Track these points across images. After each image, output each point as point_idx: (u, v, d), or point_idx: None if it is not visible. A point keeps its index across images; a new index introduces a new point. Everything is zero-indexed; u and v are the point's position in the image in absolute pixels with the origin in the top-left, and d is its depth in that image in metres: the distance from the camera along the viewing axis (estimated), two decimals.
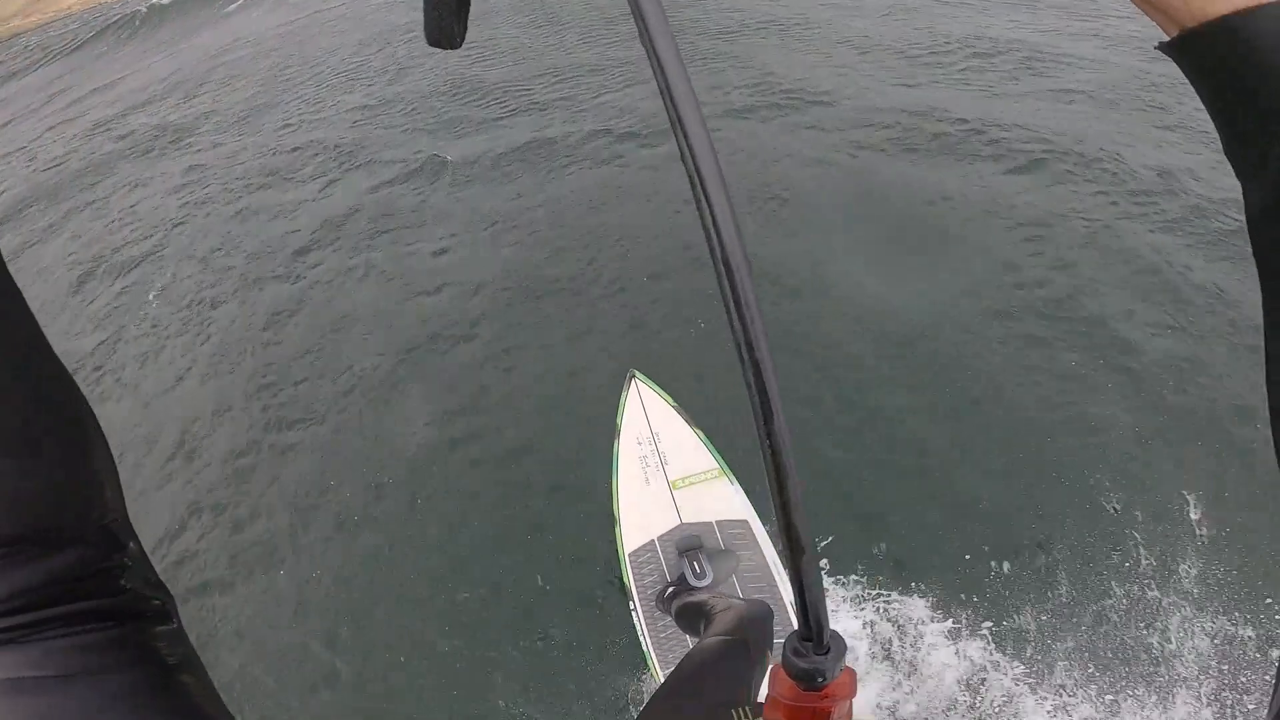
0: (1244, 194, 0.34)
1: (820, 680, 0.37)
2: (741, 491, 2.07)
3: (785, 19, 6.25)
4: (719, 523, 2.04)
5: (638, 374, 2.22)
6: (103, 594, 0.35)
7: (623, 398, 2.20)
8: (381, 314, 3.56)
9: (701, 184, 0.28)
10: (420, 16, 0.35)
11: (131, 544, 0.38)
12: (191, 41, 10.89)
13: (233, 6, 12.65)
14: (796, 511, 0.32)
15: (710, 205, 0.28)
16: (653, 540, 2.04)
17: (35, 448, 0.34)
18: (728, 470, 2.10)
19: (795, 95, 4.76)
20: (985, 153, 3.86)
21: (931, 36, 5.38)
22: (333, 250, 4.17)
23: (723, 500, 2.06)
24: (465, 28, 0.37)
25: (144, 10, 13.65)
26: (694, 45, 5.82)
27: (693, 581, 1.83)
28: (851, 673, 0.40)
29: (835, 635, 0.37)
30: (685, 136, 0.27)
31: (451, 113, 5.64)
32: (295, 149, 5.69)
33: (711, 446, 2.14)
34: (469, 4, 0.36)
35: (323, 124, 6.11)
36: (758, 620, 1.28)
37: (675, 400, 2.19)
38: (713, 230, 0.28)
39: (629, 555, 2.03)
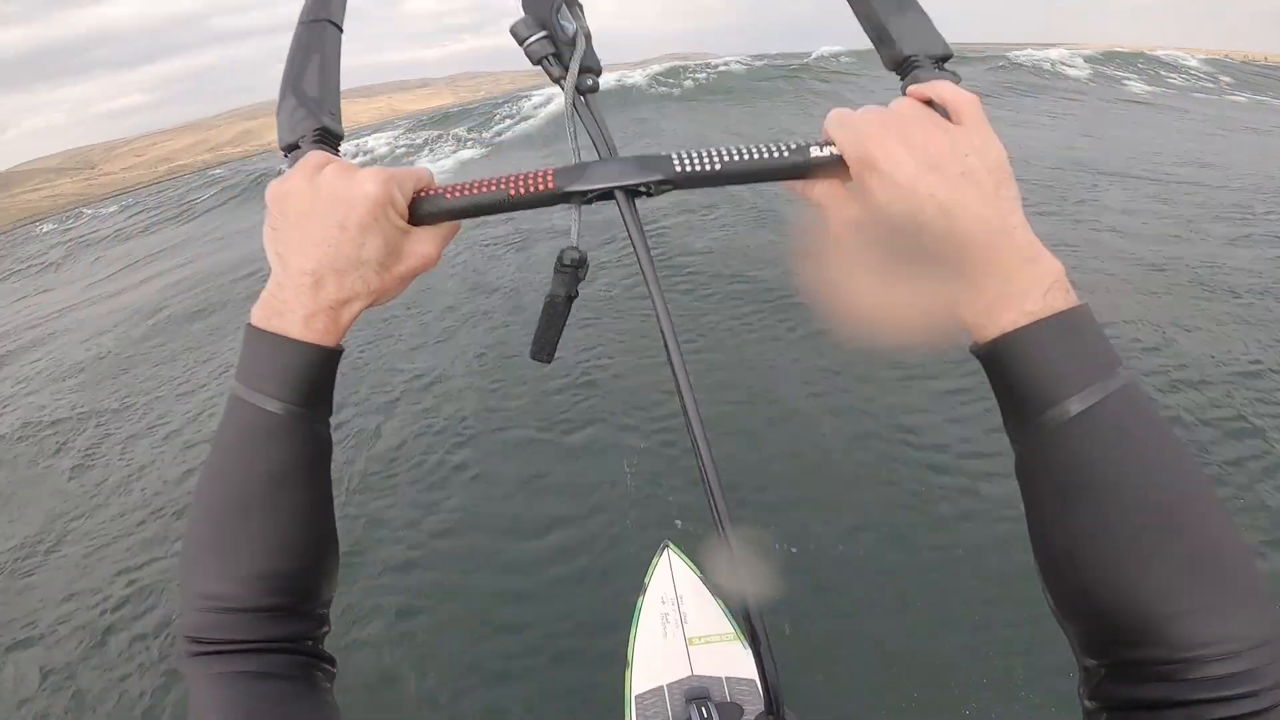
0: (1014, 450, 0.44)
1: None
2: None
3: None
4: (729, 679, 2.01)
5: (670, 544, 2.48)
6: (308, 647, 0.50)
7: (654, 562, 2.42)
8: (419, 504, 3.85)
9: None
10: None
11: (327, 626, 0.52)
12: None
13: None
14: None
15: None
16: (661, 686, 2.01)
17: (307, 557, 0.49)
18: (743, 637, 2.15)
19: None
20: None
21: None
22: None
23: (736, 660, 2.07)
24: (555, 350, 0.56)
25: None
26: None
27: None
28: None
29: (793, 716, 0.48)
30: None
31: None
32: None
33: (731, 616, 2.23)
34: (561, 333, 0.56)
35: None
36: None
37: (702, 572, 2.38)
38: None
39: (635, 698, 1.99)
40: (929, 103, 0.45)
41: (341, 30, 0.60)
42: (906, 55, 0.49)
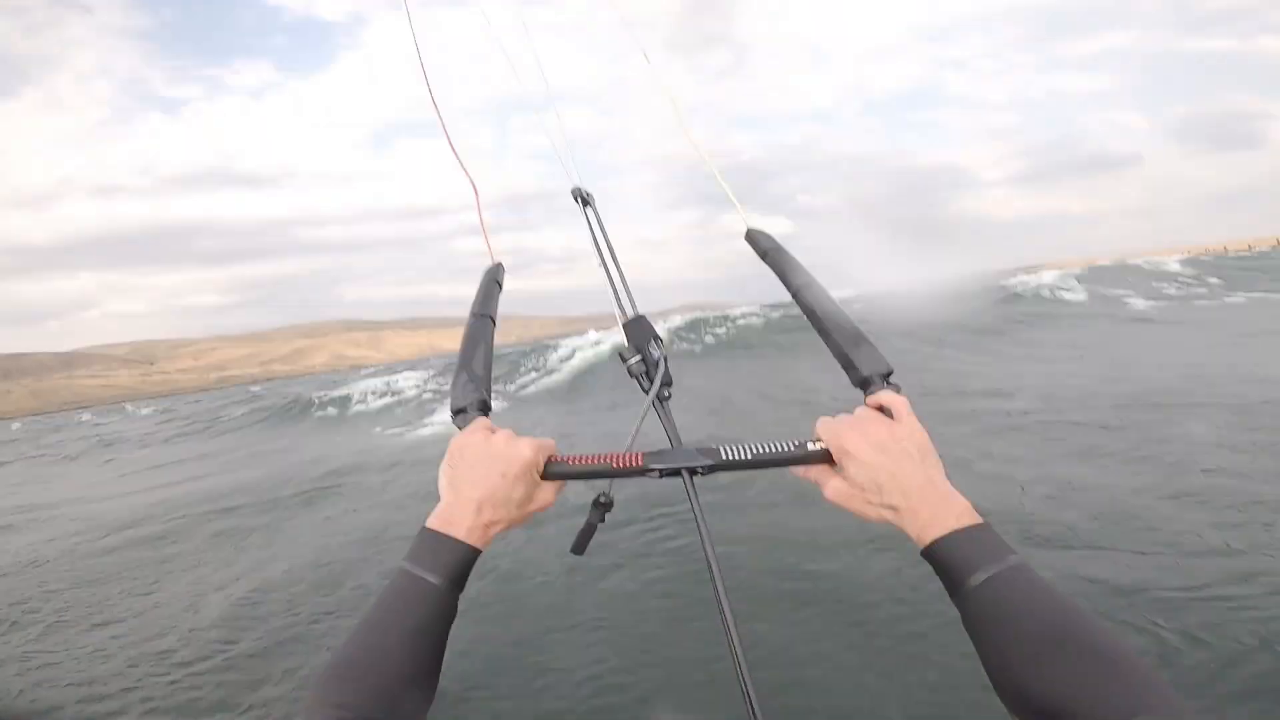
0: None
1: None
2: None
3: None
4: None
5: None
6: None
7: None
8: None
9: None
10: None
11: None
12: None
13: None
14: None
15: None
16: None
17: (421, 688, 0.64)
18: None
19: None
20: None
21: None
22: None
23: None
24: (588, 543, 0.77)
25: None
26: None
27: None
28: None
29: None
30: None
31: None
32: None
33: None
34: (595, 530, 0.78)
35: None
36: None
37: None
38: None
39: None
40: (880, 407, 0.74)
41: (496, 322, 0.94)
42: (865, 375, 0.79)
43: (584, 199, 1.08)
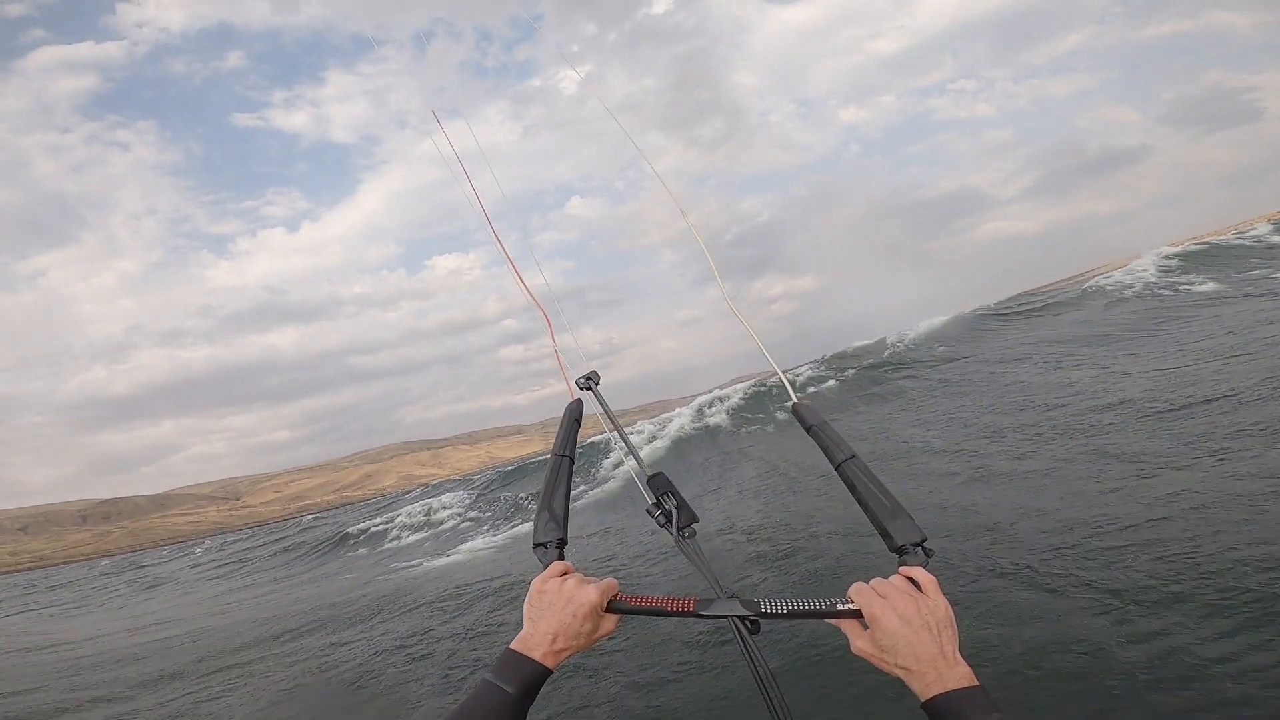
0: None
1: None
2: None
3: None
4: None
5: None
6: None
7: None
8: None
9: None
10: None
11: None
12: None
13: None
14: None
15: None
16: None
17: None
18: None
19: None
20: None
21: None
22: None
23: None
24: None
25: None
26: None
27: None
28: None
29: None
30: None
31: None
32: None
33: None
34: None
35: None
36: None
37: None
38: None
39: None
40: (911, 579, 0.85)
41: (574, 461, 1.06)
42: (899, 544, 0.89)
43: (589, 385, 1.25)
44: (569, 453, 1.09)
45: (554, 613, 0.89)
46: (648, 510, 1.11)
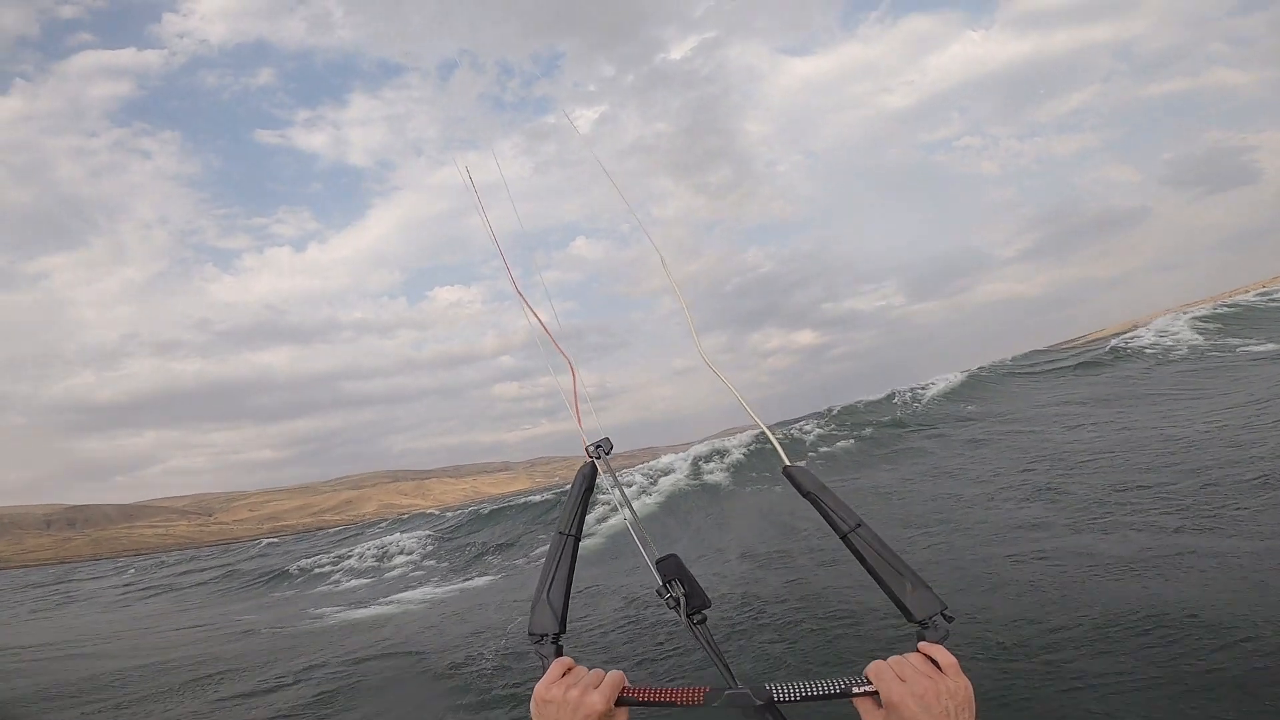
0: None
1: None
2: None
3: None
4: None
5: None
6: None
7: None
8: None
9: None
10: None
11: None
12: None
13: None
14: None
15: None
16: None
17: None
18: None
19: None
20: None
21: None
22: None
23: None
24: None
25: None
26: None
27: None
28: None
29: None
30: None
31: None
32: None
33: None
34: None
35: None
36: None
37: None
38: None
39: None
40: (931, 658, 0.82)
41: (579, 539, 1.04)
42: (919, 619, 0.87)
43: (599, 454, 1.20)
44: (575, 531, 1.06)
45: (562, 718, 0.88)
46: (657, 592, 1.09)
